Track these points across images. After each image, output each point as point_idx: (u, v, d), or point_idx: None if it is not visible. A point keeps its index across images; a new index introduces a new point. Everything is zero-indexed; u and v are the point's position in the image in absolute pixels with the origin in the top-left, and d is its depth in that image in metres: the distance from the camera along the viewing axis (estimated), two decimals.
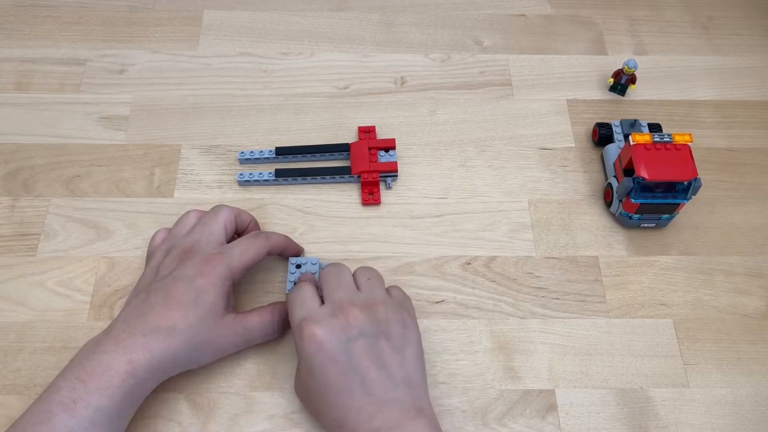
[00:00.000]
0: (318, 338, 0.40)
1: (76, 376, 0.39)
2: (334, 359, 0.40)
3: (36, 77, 0.61)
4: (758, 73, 0.64)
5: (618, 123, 0.57)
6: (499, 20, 0.67)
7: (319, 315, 0.42)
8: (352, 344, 0.41)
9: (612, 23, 0.67)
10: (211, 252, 0.45)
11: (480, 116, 0.60)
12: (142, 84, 0.61)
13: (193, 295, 0.42)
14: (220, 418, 0.46)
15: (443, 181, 0.57)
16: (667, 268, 0.53)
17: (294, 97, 0.61)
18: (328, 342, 0.40)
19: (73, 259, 0.51)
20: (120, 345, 0.40)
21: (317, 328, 0.41)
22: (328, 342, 0.40)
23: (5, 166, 0.56)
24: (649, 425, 0.47)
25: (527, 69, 0.64)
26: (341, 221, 0.54)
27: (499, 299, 0.51)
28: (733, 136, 0.60)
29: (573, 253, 0.54)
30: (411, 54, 0.64)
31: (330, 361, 0.40)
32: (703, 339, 0.50)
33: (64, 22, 0.65)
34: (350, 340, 0.41)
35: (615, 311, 0.51)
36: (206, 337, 0.43)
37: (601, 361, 0.49)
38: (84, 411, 0.38)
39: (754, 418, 0.47)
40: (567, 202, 0.56)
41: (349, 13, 0.67)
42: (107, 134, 0.58)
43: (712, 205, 0.56)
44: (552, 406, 0.47)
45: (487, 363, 0.49)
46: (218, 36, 0.64)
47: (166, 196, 0.55)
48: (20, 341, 0.48)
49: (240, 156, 0.56)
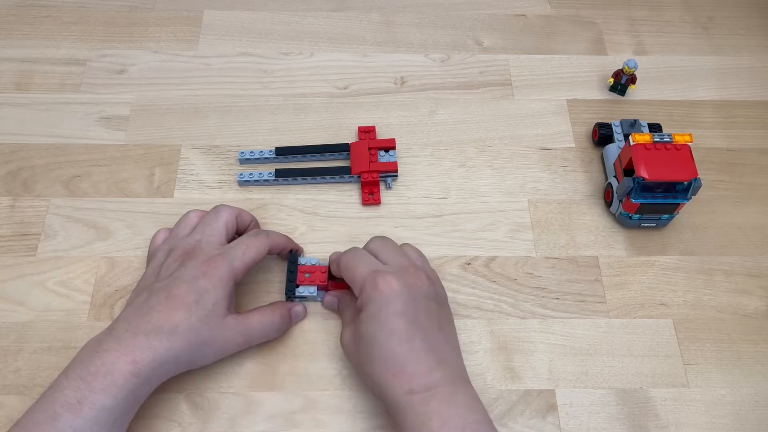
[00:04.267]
0: (393, 287, 0.42)
1: (79, 375, 0.39)
2: (403, 311, 0.41)
3: (36, 77, 0.61)
4: (758, 73, 0.64)
5: (618, 123, 0.57)
6: (499, 20, 0.67)
7: (390, 269, 0.43)
8: (419, 302, 0.42)
9: (612, 23, 0.67)
10: (213, 252, 0.45)
11: (480, 116, 0.61)
12: (142, 84, 0.61)
13: (196, 295, 0.42)
14: (220, 418, 0.46)
15: (443, 181, 0.57)
16: (667, 268, 0.53)
17: (294, 97, 0.61)
18: (400, 293, 0.42)
19: (73, 259, 0.51)
20: (123, 344, 0.40)
21: (392, 278, 0.42)
22: (400, 293, 0.42)
23: (5, 166, 0.56)
24: (649, 425, 0.47)
25: (527, 69, 0.64)
26: (341, 221, 0.54)
27: (499, 299, 0.51)
28: (733, 136, 0.60)
29: (573, 253, 0.54)
30: (411, 54, 0.64)
31: (399, 311, 0.41)
32: (703, 339, 0.50)
33: (64, 22, 0.65)
34: (417, 298, 0.42)
35: (615, 311, 0.51)
36: (208, 337, 0.43)
37: (601, 361, 0.49)
38: (89, 411, 0.38)
39: (754, 418, 0.47)
40: (567, 202, 0.56)
41: (349, 13, 0.67)
42: (107, 134, 0.58)
43: (712, 205, 0.56)
44: (552, 406, 0.47)
45: (487, 363, 0.49)
46: (218, 36, 0.64)
47: (166, 196, 0.55)
48: (20, 341, 0.48)
49: (240, 156, 0.56)
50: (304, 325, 0.50)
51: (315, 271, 0.49)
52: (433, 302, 0.43)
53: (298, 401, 0.46)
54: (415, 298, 0.42)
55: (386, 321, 0.41)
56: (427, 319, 0.42)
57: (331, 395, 0.47)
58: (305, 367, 0.48)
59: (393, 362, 0.40)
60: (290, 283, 0.49)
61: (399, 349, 0.40)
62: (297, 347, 0.49)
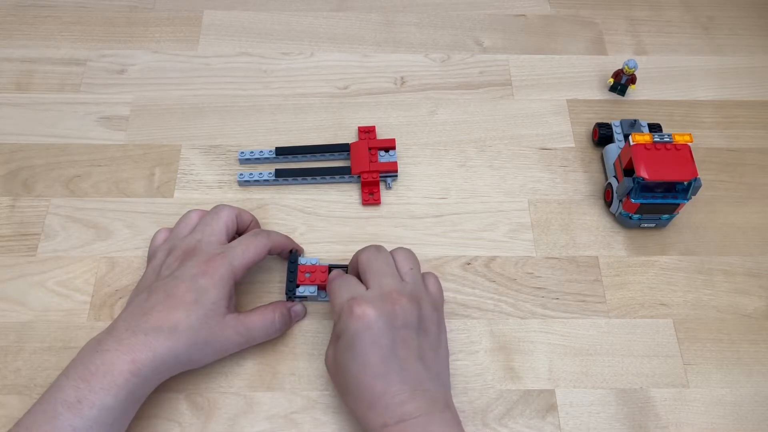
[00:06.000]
0: (368, 317, 0.40)
1: (79, 375, 0.39)
2: (378, 342, 0.40)
3: (36, 77, 0.61)
4: (758, 73, 0.64)
5: (618, 123, 0.57)
6: (499, 20, 0.67)
7: (368, 297, 0.42)
8: (396, 332, 0.41)
9: (612, 23, 0.67)
10: (213, 252, 0.45)
11: (480, 116, 0.60)
12: (142, 84, 0.61)
13: (195, 294, 0.42)
14: (220, 418, 0.46)
15: (443, 181, 0.57)
16: (667, 268, 0.53)
17: (294, 97, 0.61)
18: (376, 324, 0.40)
19: (73, 259, 0.51)
20: (123, 344, 0.40)
21: (368, 308, 0.41)
22: (376, 324, 0.40)
23: (5, 166, 0.56)
24: (649, 425, 0.47)
25: (527, 69, 0.64)
26: (341, 221, 0.54)
27: (499, 299, 0.51)
28: (733, 136, 0.60)
29: (573, 253, 0.54)
30: (411, 54, 0.64)
31: (373, 342, 0.40)
32: (703, 339, 0.50)
33: (64, 22, 0.65)
34: (395, 327, 0.41)
35: (615, 311, 0.51)
36: (208, 337, 0.43)
37: (601, 361, 0.49)
38: (89, 411, 0.38)
39: (754, 418, 0.47)
40: (567, 202, 0.56)
41: (349, 13, 0.67)
42: (107, 134, 0.58)
43: (712, 205, 0.56)
44: (552, 406, 0.47)
45: (487, 363, 0.49)
46: (218, 36, 0.64)
47: (166, 196, 0.55)
48: (20, 341, 0.48)
49: (240, 156, 0.56)
50: (304, 325, 0.50)
51: (315, 270, 0.49)
52: (413, 330, 0.42)
53: (298, 401, 0.46)
54: (393, 327, 0.41)
55: (360, 352, 0.40)
56: (403, 349, 0.41)
57: (331, 395, 0.47)
58: (305, 367, 0.48)
59: (367, 395, 0.40)
60: (290, 283, 0.49)
61: (373, 382, 0.40)
62: (297, 347, 0.49)
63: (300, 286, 0.49)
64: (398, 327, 0.41)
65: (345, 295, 0.43)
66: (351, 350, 0.41)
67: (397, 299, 0.42)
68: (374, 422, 0.39)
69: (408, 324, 0.42)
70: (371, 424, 0.39)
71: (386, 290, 0.42)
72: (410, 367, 0.40)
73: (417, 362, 0.41)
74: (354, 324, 0.41)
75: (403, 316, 0.41)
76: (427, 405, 0.39)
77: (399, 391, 0.39)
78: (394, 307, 0.41)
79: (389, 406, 0.39)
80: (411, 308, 0.42)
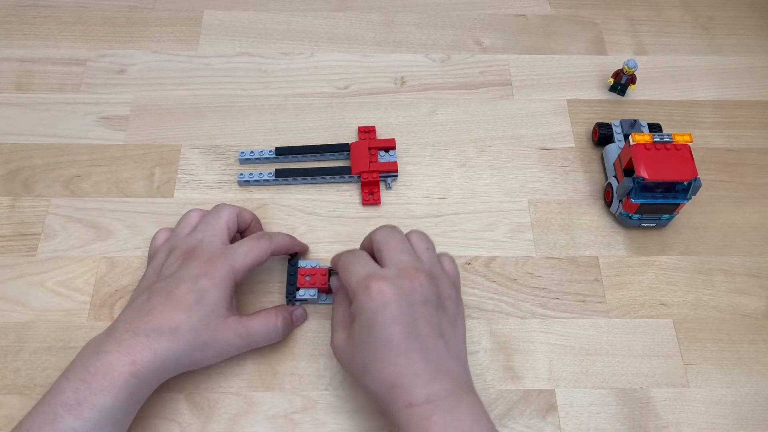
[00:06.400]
0: (387, 295, 0.39)
1: (79, 377, 0.39)
2: (398, 319, 0.39)
3: (36, 77, 0.61)
4: (758, 73, 0.64)
5: (618, 123, 0.57)
6: (499, 20, 0.67)
7: (385, 274, 0.41)
8: (416, 309, 0.40)
9: (612, 23, 0.67)
10: (215, 252, 0.45)
11: (480, 116, 0.61)
12: (142, 84, 0.61)
13: (197, 295, 0.42)
14: (220, 418, 0.46)
15: (443, 181, 0.57)
16: (667, 268, 0.53)
17: (294, 97, 0.61)
18: (395, 301, 0.39)
19: (73, 259, 0.51)
20: (123, 345, 0.40)
21: (386, 285, 0.40)
22: (395, 301, 0.39)
23: (5, 166, 0.56)
24: (649, 425, 0.47)
25: (527, 69, 0.64)
26: (341, 221, 0.54)
27: (499, 299, 0.51)
28: (733, 136, 0.60)
29: (573, 253, 0.54)
30: (411, 54, 0.64)
31: (393, 320, 0.39)
32: (703, 339, 0.50)
33: (64, 22, 0.65)
34: (414, 304, 0.40)
35: (615, 311, 0.51)
36: (209, 339, 0.43)
37: (601, 361, 0.49)
38: (89, 412, 0.38)
39: (754, 418, 0.47)
40: (567, 202, 0.56)
41: (349, 13, 0.67)
42: (107, 134, 0.58)
43: (712, 205, 0.56)
44: (552, 406, 0.47)
45: (487, 363, 0.49)
46: (218, 36, 0.64)
47: (166, 196, 0.55)
48: (20, 341, 0.48)
49: (240, 156, 0.56)
50: (304, 325, 0.50)
51: (315, 273, 0.49)
52: (432, 307, 0.41)
53: (298, 401, 0.46)
54: (412, 304, 0.40)
55: (381, 331, 0.39)
56: (425, 326, 0.40)
57: (331, 395, 0.47)
58: (305, 367, 0.48)
59: (389, 375, 0.38)
60: (290, 286, 0.49)
61: (395, 360, 0.38)
62: (297, 347, 0.49)
63: (300, 289, 0.49)
64: (417, 303, 0.40)
65: (361, 272, 0.41)
66: (370, 330, 0.39)
67: (415, 276, 0.41)
68: (398, 403, 0.38)
69: (427, 301, 0.41)
70: (395, 405, 0.38)
71: (403, 266, 0.41)
72: (432, 344, 0.39)
73: (438, 339, 0.40)
74: (373, 303, 0.39)
75: (422, 292, 0.40)
76: (452, 386, 0.38)
77: (423, 370, 0.38)
78: (413, 283, 0.40)
79: (414, 385, 0.38)
80: (429, 285, 0.41)
